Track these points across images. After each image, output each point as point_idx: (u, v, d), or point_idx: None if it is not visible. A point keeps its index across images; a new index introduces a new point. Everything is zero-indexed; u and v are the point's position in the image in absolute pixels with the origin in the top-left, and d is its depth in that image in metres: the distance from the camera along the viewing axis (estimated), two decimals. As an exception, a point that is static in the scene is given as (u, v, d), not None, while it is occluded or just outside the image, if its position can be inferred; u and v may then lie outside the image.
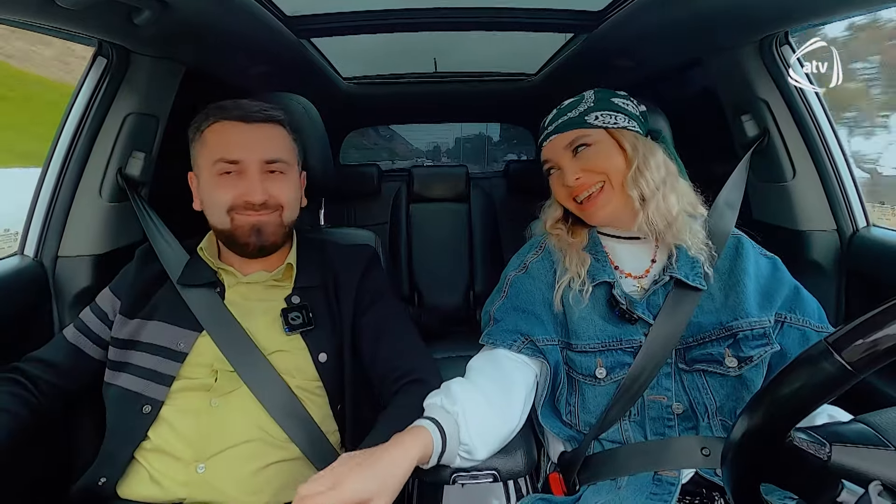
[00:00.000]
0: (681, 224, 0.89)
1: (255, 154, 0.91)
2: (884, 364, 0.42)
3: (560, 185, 0.94)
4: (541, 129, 0.98)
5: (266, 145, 0.92)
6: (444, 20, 1.50)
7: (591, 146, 0.91)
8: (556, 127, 0.94)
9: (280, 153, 0.94)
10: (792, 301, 0.87)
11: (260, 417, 0.86)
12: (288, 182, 0.95)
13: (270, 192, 0.92)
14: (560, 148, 0.93)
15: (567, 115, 0.93)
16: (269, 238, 0.93)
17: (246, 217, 0.91)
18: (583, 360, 0.86)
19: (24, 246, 1.12)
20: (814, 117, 1.24)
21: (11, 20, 0.91)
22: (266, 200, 0.91)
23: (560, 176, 0.94)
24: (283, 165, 0.94)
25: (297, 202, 0.99)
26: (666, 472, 0.80)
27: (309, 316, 0.93)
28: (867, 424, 0.49)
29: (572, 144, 0.92)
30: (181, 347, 0.89)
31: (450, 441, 0.74)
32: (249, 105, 0.93)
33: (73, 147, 1.14)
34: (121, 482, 0.85)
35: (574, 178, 0.90)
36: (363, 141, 4.33)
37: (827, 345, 0.44)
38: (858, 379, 0.43)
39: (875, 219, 1.25)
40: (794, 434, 0.47)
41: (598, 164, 0.90)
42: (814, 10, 1.05)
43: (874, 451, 0.46)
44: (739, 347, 0.83)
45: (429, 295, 2.41)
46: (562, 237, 0.96)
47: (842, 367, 0.43)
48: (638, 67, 1.62)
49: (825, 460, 0.46)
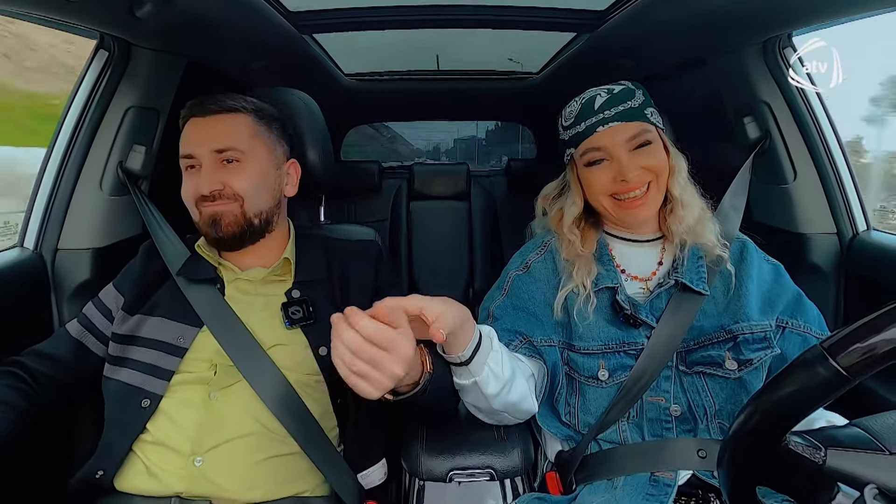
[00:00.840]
0: (703, 226, 0.90)
1: (206, 145, 0.91)
2: (878, 369, 0.42)
3: (606, 178, 0.87)
4: (582, 113, 0.89)
5: (217, 136, 0.92)
6: (447, 17, 1.49)
7: (651, 143, 0.87)
8: (617, 114, 0.86)
9: (232, 142, 0.92)
10: (794, 307, 0.87)
11: (258, 411, 0.86)
12: (245, 170, 0.93)
13: (225, 181, 0.91)
14: (621, 139, 0.86)
15: (627, 104, 0.87)
16: (226, 229, 0.92)
17: (204, 208, 0.92)
18: (585, 362, 0.86)
19: (23, 238, 1.12)
20: (815, 120, 1.24)
21: (13, 11, 0.91)
22: (220, 190, 0.91)
23: (610, 168, 0.87)
24: (238, 153, 0.92)
25: (264, 191, 0.95)
26: (662, 474, 0.80)
27: (309, 310, 0.93)
28: (862, 428, 0.49)
29: (636, 138, 0.86)
30: (181, 342, 0.89)
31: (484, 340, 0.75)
32: (211, 99, 0.94)
33: (74, 140, 1.13)
34: (118, 475, 0.85)
35: (632, 175, 0.85)
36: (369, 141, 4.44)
37: (822, 349, 0.44)
38: (853, 384, 0.43)
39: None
40: (790, 438, 0.47)
41: (656, 163, 0.87)
42: (817, 12, 1.05)
43: (869, 455, 0.46)
44: (740, 350, 0.83)
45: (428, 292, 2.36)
46: (574, 244, 0.91)
47: (837, 372, 0.43)
48: (640, 67, 1.61)
49: (820, 464, 0.46)
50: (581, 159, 0.90)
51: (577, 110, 0.90)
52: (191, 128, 0.94)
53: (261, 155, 0.96)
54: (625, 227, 0.94)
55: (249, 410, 0.86)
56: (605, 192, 0.89)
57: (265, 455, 0.84)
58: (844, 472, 0.45)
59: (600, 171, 0.88)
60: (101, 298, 1.00)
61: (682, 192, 0.90)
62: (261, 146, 0.96)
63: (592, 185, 0.90)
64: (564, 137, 0.93)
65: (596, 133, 0.87)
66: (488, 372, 0.76)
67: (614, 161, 0.87)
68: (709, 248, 0.89)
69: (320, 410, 0.91)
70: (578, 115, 0.89)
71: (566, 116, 0.92)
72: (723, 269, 0.89)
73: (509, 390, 0.80)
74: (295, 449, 0.87)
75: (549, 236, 0.98)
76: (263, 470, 0.84)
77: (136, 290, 0.96)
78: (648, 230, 0.94)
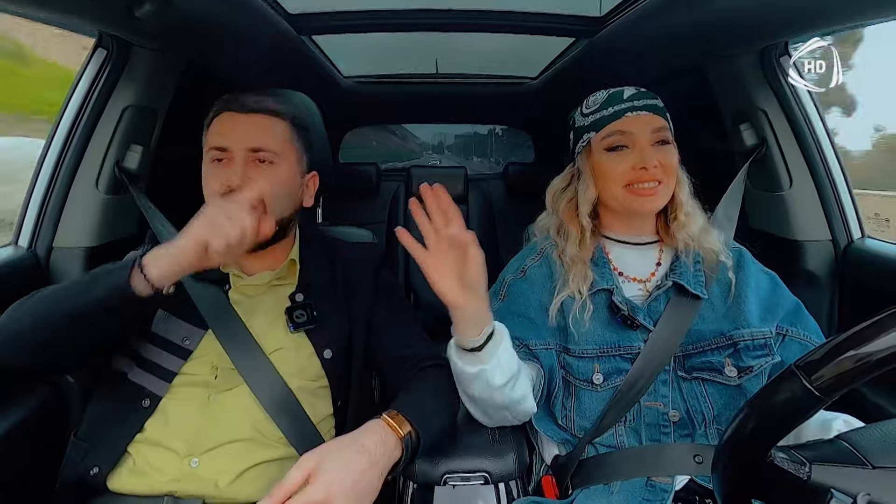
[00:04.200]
0: (707, 233, 0.91)
1: (242, 142, 0.89)
2: (849, 389, 0.43)
3: (625, 166, 0.87)
4: (610, 100, 0.90)
5: (254, 134, 0.90)
6: (446, 21, 1.50)
7: (670, 143, 0.89)
8: (646, 105, 0.89)
9: (268, 143, 0.91)
10: (793, 316, 0.88)
11: (257, 415, 0.86)
12: (274, 173, 0.91)
13: (253, 179, 0.89)
14: (647, 129, 0.87)
15: (654, 101, 0.90)
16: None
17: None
18: (580, 365, 0.86)
19: (18, 236, 1.12)
20: (811, 128, 1.25)
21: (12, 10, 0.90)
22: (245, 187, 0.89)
23: (630, 156, 0.87)
24: (272, 155, 0.91)
25: (288, 197, 0.95)
26: (659, 479, 0.80)
27: (313, 314, 0.92)
28: (847, 442, 0.49)
29: (659, 132, 0.88)
30: (187, 344, 0.89)
31: (496, 339, 0.78)
32: (250, 97, 0.92)
33: (71, 138, 1.13)
34: (112, 473, 0.84)
35: (652, 163, 0.86)
36: (373, 141, 4.59)
37: (794, 368, 0.45)
38: (826, 403, 0.44)
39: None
40: (775, 453, 0.48)
41: (672, 162, 0.88)
42: (814, 21, 1.06)
43: (854, 470, 0.46)
44: (740, 357, 0.83)
45: (424, 294, 2.40)
46: (585, 233, 0.92)
47: (809, 392, 0.44)
48: (638, 74, 1.62)
49: (805, 479, 0.46)
50: (602, 143, 0.90)
51: (605, 98, 0.91)
52: (225, 121, 0.92)
53: (291, 161, 0.95)
54: (624, 230, 0.94)
55: (248, 414, 0.85)
56: (621, 182, 0.88)
57: (262, 458, 0.84)
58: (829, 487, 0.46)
59: (619, 157, 0.88)
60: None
61: (686, 200, 0.91)
62: (292, 153, 0.95)
63: (609, 172, 0.89)
64: (584, 123, 0.93)
65: (625, 118, 0.88)
66: (497, 362, 0.77)
67: (635, 149, 0.87)
68: (711, 255, 0.90)
69: (320, 415, 0.91)
70: (606, 102, 0.90)
71: (589, 104, 0.93)
72: (721, 276, 0.89)
73: (514, 385, 0.80)
74: (290, 453, 0.86)
75: (546, 243, 0.99)
76: (258, 473, 0.83)
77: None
78: (646, 232, 0.95)
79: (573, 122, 0.96)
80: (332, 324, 0.94)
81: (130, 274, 0.74)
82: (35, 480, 0.97)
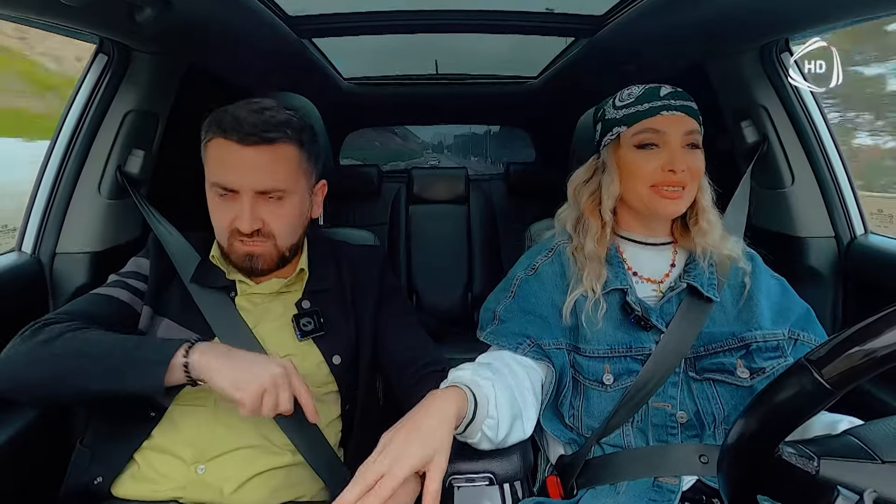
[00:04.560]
0: (724, 238, 0.90)
1: (249, 182, 0.84)
2: (860, 382, 0.43)
3: (654, 165, 0.85)
4: (646, 96, 0.87)
5: (262, 174, 0.84)
6: (446, 22, 1.50)
7: (700, 148, 0.87)
8: (683, 106, 0.86)
9: (278, 182, 0.85)
10: (804, 321, 0.88)
11: (262, 423, 0.85)
12: (284, 209, 0.88)
13: (264, 218, 0.86)
14: (681, 130, 0.85)
15: (690, 103, 0.87)
16: (263, 265, 0.89)
17: (240, 244, 0.87)
18: (590, 365, 0.86)
19: (21, 242, 1.12)
20: (812, 124, 1.24)
21: (13, 16, 0.91)
22: (259, 229, 0.86)
23: (659, 156, 0.85)
24: (281, 192, 0.86)
25: (298, 226, 0.93)
26: (666, 479, 0.79)
27: (320, 321, 0.92)
28: (856, 437, 0.49)
29: (691, 135, 0.86)
30: None
31: (479, 409, 0.71)
32: (251, 121, 0.83)
33: (73, 143, 1.14)
34: (116, 481, 0.84)
35: (680, 166, 0.84)
36: (375, 143, 4.69)
37: (805, 362, 0.45)
38: (837, 397, 0.43)
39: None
40: (783, 448, 0.47)
41: (700, 167, 0.87)
42: (815, 17, 1.06)
43: (863, 465, 0.46)
44: (752, 358, 0.83)
45: (427, 296, 2.41)
46: (605, 235, 0.90)
47: (820, 385, 0.43)
48: (639, 72, 1.62)
49: (814, 474, 0.46)
50: (633, 139, 0.88)
51: (640, 93, 0.89)
52: (227, 154, 0.84)
53: (301, 189, 0.90)
54: (640, 230, 0.94)
55: (253, 422, 0.85)
56: (647, 181, 0.86)
57: (267, 466, 0.84)
58: (838, 482, 0.45)
59: (649, 155, 0.86)
60: (137, 269, 0.94)
61: (708, 206, 0.90)
62: (302, 179, 0.90)
63: (637, 170, 0.87)
64: (616, 116, 0.90)
65: (660, 115, 0.86)
66: (482, 436, 0.75)
67: (666, 149, 0.85)
68: (727, 260, 0.89)
69: (327, 420, 0.91)
70: (641, 97, 0.88)
71: (622, 97, 0.90)
72: (733, 280, 0.89)
73: (506, 439, 0.78)
74: (297, 459, 0.86)
75: (557, 240, 0.98)
76: (264, 480, 0.83)
77: (152, 281, 0.93)
78: (662, 233, 0.94)
79: (602, 114, 0.93)
80: (340, 330, 0.94)
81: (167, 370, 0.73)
82: (39, 488, 0.98)
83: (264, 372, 0.73)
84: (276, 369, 0.74)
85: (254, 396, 0.71)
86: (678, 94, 0.88)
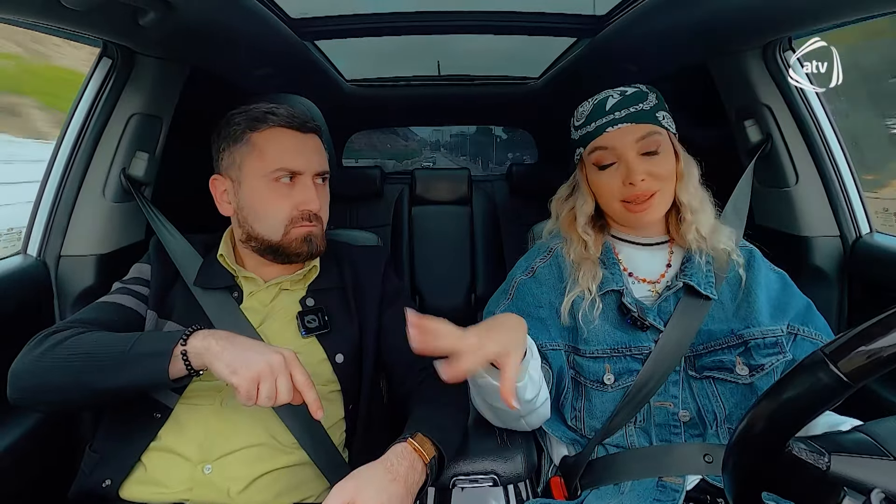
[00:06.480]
0: (718, 232, 0.90)
1: (312, 165, 0.92)
2: (879, 374, 0.42)
3: (616, 182, 0.87)
4: (593, 113, 0.89)
5: (318, 157, 0.94)
6: (447, 23, 1.50)
7: (658, 152, 0.86)
8: (628, 115, 0.86)
9: (326, 164, 0.96)
10: (804, 315, 0.87)
11: (268, 421, 0.86)
12: (327, 192, 0.98)
13: (321, 202, 0.93)
14: (630, 140, 0.86)
15: (638, 106, 0.87)
16: (318, 247, 0.94)
17: (300, 228, 0.91)
18: (591, 366, 0.86)
19: (27, 245, 1.13)
20: (817, 122, 1.24)
21: (17, 20, 0.91)
22: (318, 211, 0.93)
23: (619, 171, 0.87)
24: (327, 175, 0.96)
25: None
26: (670, 479, 0.79)
27: (324, 319, 0.93)
28: (867, 434, 0.48)
29: (644, 142, 0.86)
30: None
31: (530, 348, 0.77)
32: (296, 114, 0.93)
33: (78, 147, 1.14)
34: (124, 483, 0.84)
35: (640, 179, 0.84)
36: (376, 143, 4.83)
37: (823, 355, 0.44)
38: (854, 389, 0.43)
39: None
40: (793, 443, 0.47)
41: (664, 170, 0.87)
42: (817, 15, 1.05)
43: (874, 461, 0.46)
44: (751, 355, 0.83)
45: (430, 297, 2.41)
46: (588, 245, 0.91)
47: (837, 378, 0.43)
48: (641, 72, 1.62)
49: (824, 470, 0.46)
50: (589, 158, 0.90)
51: (589, 110, 0.90)
52: (289, 141, 0.91)
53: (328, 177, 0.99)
54: (632, 230, 0.94)
55: (260, 420, 0.85)
56: (615, 197, 0.89)
57: (273, 466, 0.84)
58: (849, 478, 0.45)
59: (609, 174, 0.88)
60: (139, 274, 0.96)
61: (692, 199, 0.89)
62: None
63: (602, 188, 0.90)
64: (575, 137, 0.93)
65: (605, 133, 0.87)
66: (528, 379, 0.75)
67: (622, 164, 0.87)
68: (722, 255, 0.89)
69: (331, 419, 0.91)
70: (589, 116, 0.90)
71: (578, 116, 0.93)
72: (730, 274, 0.89)
73: (537, 395, 0.79)
74: (303, 458, 0.86)
75: (555, 242, 0.98)
76: (271, 479, 0.84)
77: (154, 285, 0.93)
78: (655, 233, 0.94)
79: (570, 132, 0.96)
80: (343, 328, 0.95)
81: (170, 360, 0.73)
82: (47, 490, 0.98)
83: (261, 358, 0.71)
84: (275, 356, 0.72)
85: (249, 381, 0.69)
86: (624, 101, 0.88)
